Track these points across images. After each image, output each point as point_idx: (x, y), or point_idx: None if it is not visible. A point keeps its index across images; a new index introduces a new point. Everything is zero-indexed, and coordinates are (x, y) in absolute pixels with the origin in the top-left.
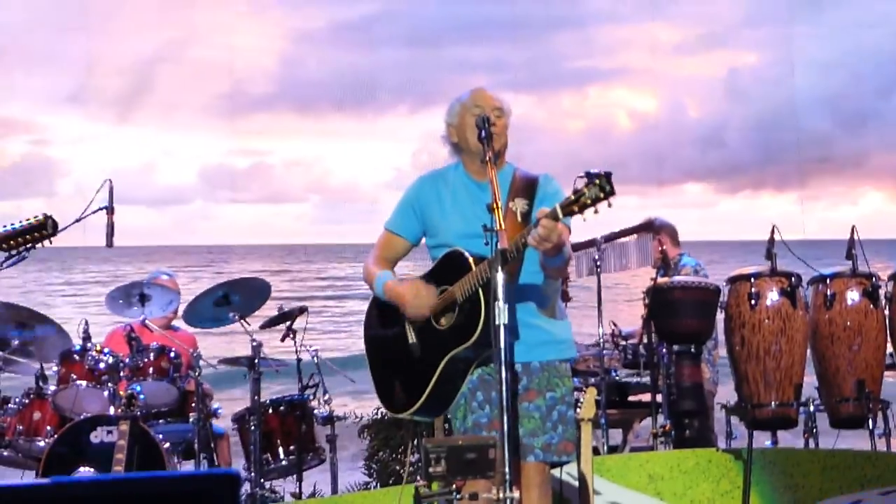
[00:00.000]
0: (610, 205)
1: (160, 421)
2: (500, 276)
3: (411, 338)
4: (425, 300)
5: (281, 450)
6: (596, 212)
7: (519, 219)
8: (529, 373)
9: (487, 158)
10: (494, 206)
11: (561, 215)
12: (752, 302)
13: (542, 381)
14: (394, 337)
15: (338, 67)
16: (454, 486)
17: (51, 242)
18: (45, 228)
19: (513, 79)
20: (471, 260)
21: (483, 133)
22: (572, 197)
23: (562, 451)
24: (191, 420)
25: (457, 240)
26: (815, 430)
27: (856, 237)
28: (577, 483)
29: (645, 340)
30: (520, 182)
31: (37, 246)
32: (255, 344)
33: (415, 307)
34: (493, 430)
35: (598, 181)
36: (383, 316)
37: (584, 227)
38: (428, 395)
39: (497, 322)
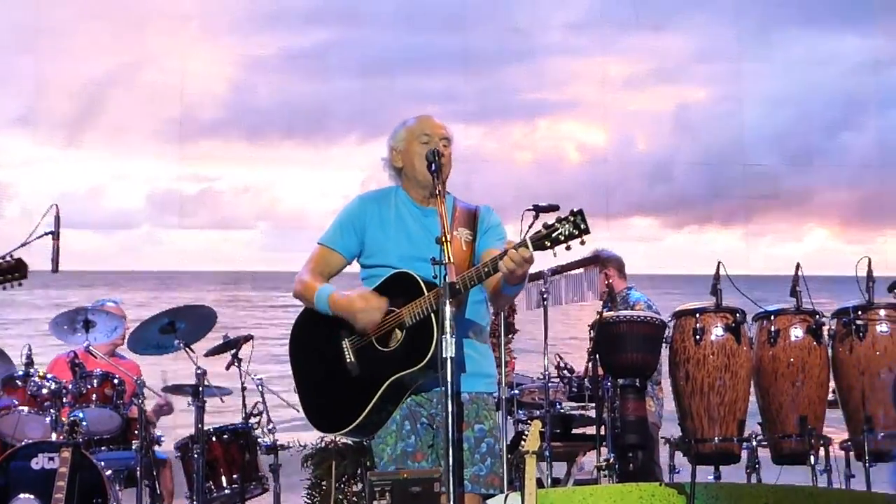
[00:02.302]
0: (583, 242)
1: (102, 448)
2: (448, 309)
3: (349, 357)
4: (377, 306)
5: (224, 478)
6: (568, 248)
7: (464, 247)
8: (460, 403)
9: (437, 192)
10: (444, 238)
11: (531, 248)
12: (697, 337)
13: (471, 412)
14: (329, 355)
15: (289, 95)
16: None
17: (20, 285)
18: (18, 271)
19: (463, 109)
20: (423, 284)
21: (434, 167)
22: (543, 231)
23: (489, 483)
24: (133, 447)
25: (400, 262)
26: (757, 466)
27: (800, 274)
28: None
29: (590, 374)
30: (461, 213)
31: (5, 287)
32: (199, 372)
33: (367, 312)
34: (416, 463)
35: (573, 218)
36: (316, 333)
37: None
38: (366, 415)
39: (445, 355)
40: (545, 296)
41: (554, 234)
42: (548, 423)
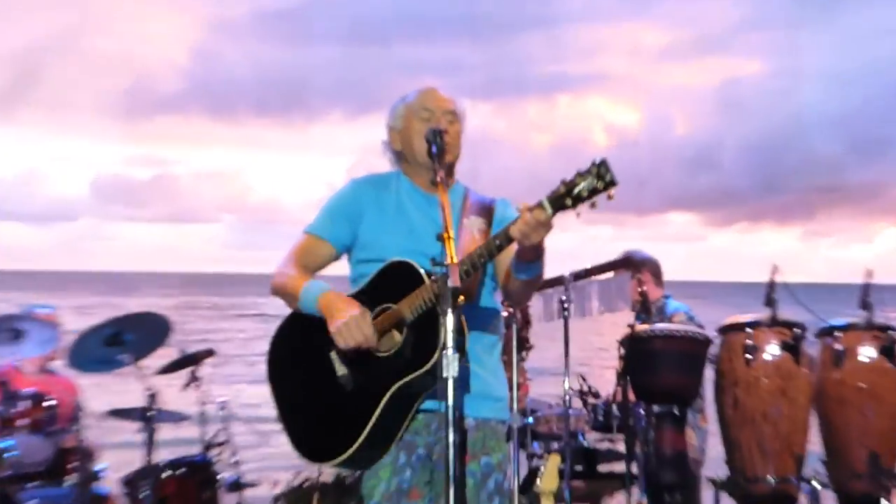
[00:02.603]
0: (610, 197)
1: (31, 483)
2: (450, 320)
3: (339, 368)
4: (364, 327)
5: None
6: (593, 206)
7: (476, 236)
8: (463, 431)
9: (438, 179)
10: (446, 235)
11: (549, 209)
12: (748, 356)
13: (476, 442)
14: (316, 368)
15: (262, 64)
16: None
17: None
18: None
19: (469, 83)
20: (423, 273)
21: (434, 148)
22: (562, 188)
23: None
24: (69, 483)
25: (399, 256)
26: None
27: (871, 281)
28: None
29: (619, 399)
30: (473, 204)
31: None
32: (150, 393)
33: (351, 331)
34: (412, 502)
35: (595, 169)
36: (301, 342)
37: (548, 262)
38: (367, 435)
39: (446, 374)
40: (566, 305)
41: (575, 190)
42: (568, 457)
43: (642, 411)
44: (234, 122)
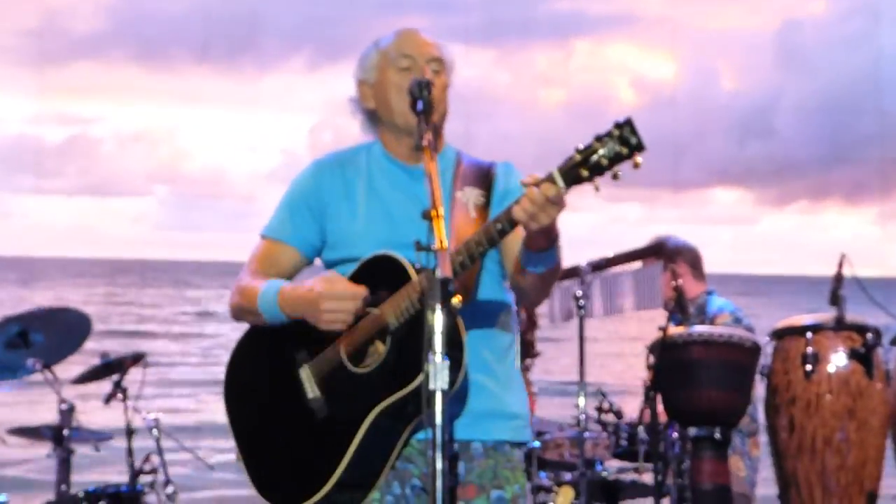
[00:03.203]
0: (637, 165)
1: None
2: (439, 318)
3: (311, 390)
4: (349, 293)
5: None
6: (615, 177)
7: (472, 213)
8: (469, 457)
9: (425, 143)
10: (433, 212)
11: (561, 182)
12: (808, 367)
13: (485, 471)
14: (281, 391)
15: None
16: None
17: None
18: None
19: (463, 24)
20: (408, 267)
21: (420, 104)
22: (577, 156)
23: None
24: None
25: (377, 251)
26: None
27: None
28: None
29: (647, 419)
30: (467, 170)
31: None
32: (64, 407)
33: (335, 300)
34: None
35: (617, 131)
36: (262, 363)
37: (563, 248)
38: (343, 472)
39: (432, 386)
40: (581, 302)
41: (593, 158)
42: (583, 490)
43: (676, 435)
44: (168, 70)
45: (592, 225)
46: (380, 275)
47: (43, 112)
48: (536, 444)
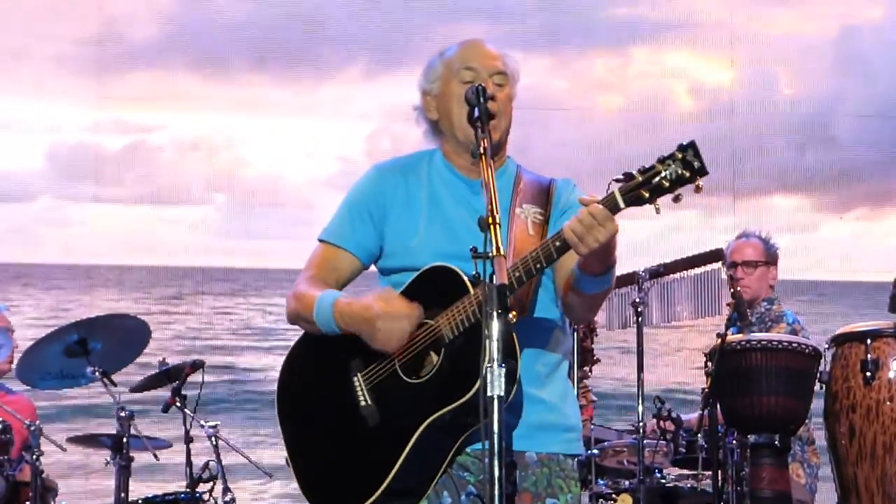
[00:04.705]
0: (699, 188)
1: None
2: (495, 327)
3: (364, 399)
4: (405, 312)
5: None
6: (677, 199)
7: (531, 230)
8: (524, 466)
9: (482, 150)
10: (490, 220)
11: (622, 203)
12: (868, 374)
13: (540, 480)
14: (334, 400)
15: (261, 7)
16: None
17: None
18: None
19: (520, 31)
20: (466, 279)
21: (476, 112)
22: (639, 177)
23: None
24: None
25: (435, 262)
26: None
27: None
28: None
29: (706, 426)
30: (527, 186)
31: None
32: (123, 415)
33: (390, 320)
34: None
35: (681, 154)
36: (315, 370)
37: (620, 255)
38: (394, 477)
39: (490, 392)
40: (640, 309)
41: (655, 180)
42: (642, 498)
43: (735, 442)
44: (226, 80)
45: (649, 232)
46: (437, 285)
47: (101, 120)
48: (595, 451)
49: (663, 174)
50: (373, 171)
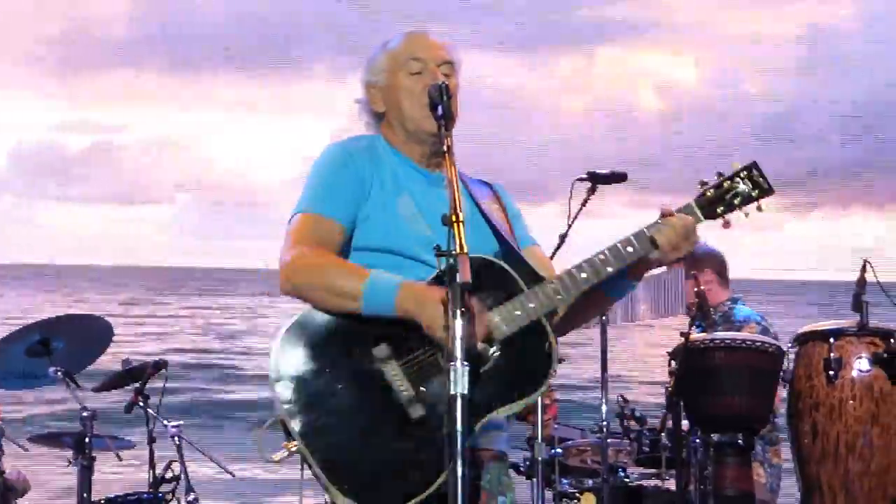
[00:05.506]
0: (761, 208)
1: None
2: (458, 325)
3: (405, 388)
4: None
5: None
6: (746, 215)
7: (506, 221)
8: (480, 465)
9: (445, 148)
10: (453, 217)
11: (701, 216)
12: (831, 373)
13: (493, 479)
14: (362, 388)
15: (228, 7)
16: None
17: None
18: None
19: (491, 32)
20: (517, 278)
21: (441, 109)
22: (712, 190)
23: None
24: None
25: (417, 249)
26: None
27: None
28: None
29: (670, 426)
30: (473, 184)
31: None
32: (85, 414)
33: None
34: None
35: (746, 172)
36: (329, 354)
37: (582, 254)
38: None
39: (454, 391)
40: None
41: (728, 196)
42: (606, 497)
43: (698, 441)
44: (193, 78)
45: (615, 232)
46: (479, 279)
47: (67, 119)
48: (558, 451)
49: (735, 189)
50: (339, 149)
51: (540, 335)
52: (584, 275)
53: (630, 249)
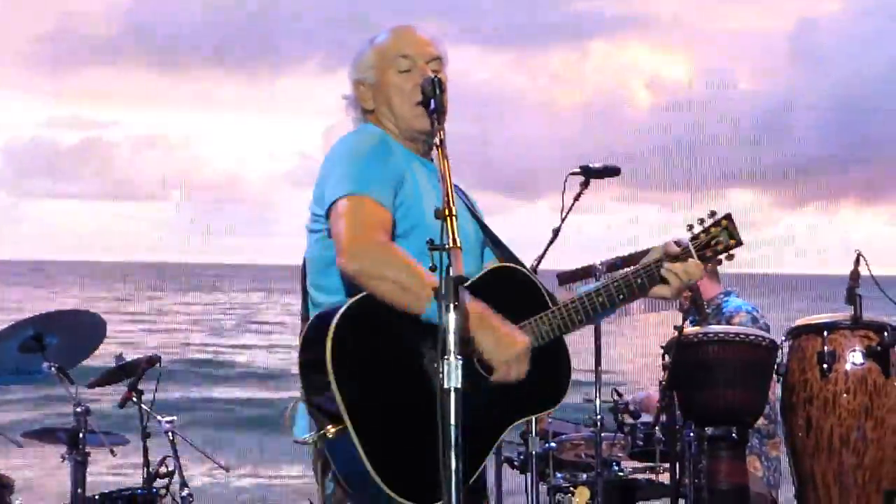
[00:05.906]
0: (730, 257)
1: None
2: (451, 318)
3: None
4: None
5: None
6: (719, 262)
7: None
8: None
9: (437, 142)
10: (446, 211)
11: (696, 258)
12: (825, 366)
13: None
14: (415, 381)
15: (217, 3)
16: None
17: None
18: None
19: (479, 27)
20: (545, 291)
21: (434, 104)
22: (702, 236)
23: None
24: None
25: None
26: None
27: None
28: None
29: (663, 419)
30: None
31: None
32: (79, 410)
33: (522, 363)
34: None
35: (725, 222)
36: (392, 341)
37: (576, 248)
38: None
39: (447, 385)
40: None
41: (713, 242)
42: (599, 491)
43: (692, 434)
44: (184, 75)
45: (608, 226)
46: (505, 287)
47: (58, 115)
48: (552, 445)
49: (716, 237)
50: (376, 134)
51: (557, 352)
52: (600, 299)
53: (639, 280)
